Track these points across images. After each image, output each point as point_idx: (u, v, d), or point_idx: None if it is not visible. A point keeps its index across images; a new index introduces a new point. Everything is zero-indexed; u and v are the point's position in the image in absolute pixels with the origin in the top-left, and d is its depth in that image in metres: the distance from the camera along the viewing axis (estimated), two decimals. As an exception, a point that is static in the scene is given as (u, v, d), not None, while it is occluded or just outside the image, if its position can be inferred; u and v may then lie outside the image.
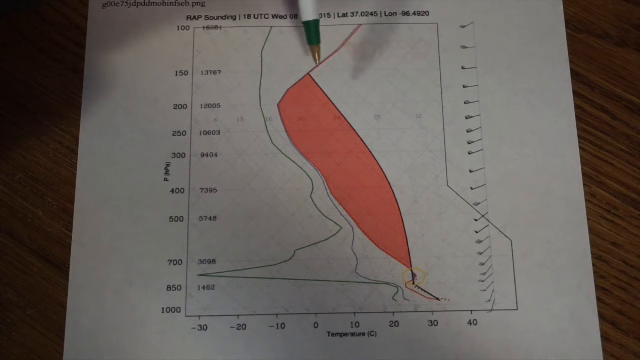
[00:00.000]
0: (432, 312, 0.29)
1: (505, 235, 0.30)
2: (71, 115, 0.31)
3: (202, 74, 0.32)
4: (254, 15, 0.33)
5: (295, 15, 0.32)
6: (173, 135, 0.31)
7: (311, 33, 0.30)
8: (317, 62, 0.31)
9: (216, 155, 0.31)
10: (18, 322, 0.29)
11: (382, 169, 0.31)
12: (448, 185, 0.30)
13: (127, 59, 0.32)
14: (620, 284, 0.30)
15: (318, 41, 0.30)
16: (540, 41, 0.32)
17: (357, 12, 0.33)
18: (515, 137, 0.31)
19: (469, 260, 0.30)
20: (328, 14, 0.33)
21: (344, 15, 0.33)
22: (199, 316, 0.29)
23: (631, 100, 0.32)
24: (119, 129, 0.31)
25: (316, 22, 0.30)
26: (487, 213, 0.30)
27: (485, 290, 0.29)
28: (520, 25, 0.32)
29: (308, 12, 0.30)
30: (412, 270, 0.30)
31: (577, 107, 0.31)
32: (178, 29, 0.32)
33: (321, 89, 0.32)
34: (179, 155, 0.31)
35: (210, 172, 0.31)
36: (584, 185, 0.30)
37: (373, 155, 0.31)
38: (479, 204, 0.30)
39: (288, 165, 0.31)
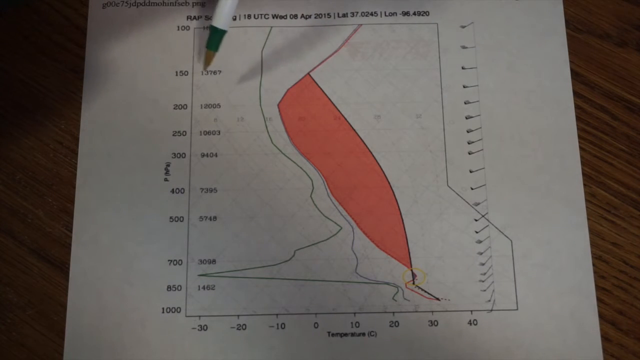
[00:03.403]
0: (432, 312, 0.29)
1: (505, 235, 0.30)
2: (71, 115, 0.31)
3: (202, 74, 0.32)
4: (254, 15, 0.33)
5: (295, 15, 0.32)
6: (173, 135, 0.31)
7: (215, 40, 0.29)
8: (206, 68, 0.31)
9: (216, 155, 0.31)
10: (18, 322, 0.29)
11: (382, 169, 0.31)
12: (448, 185, 0.30)
13: (127, 59, 0.32)
14: (620, 284, 0.30)
15: (216, 49, 0.30)
16: (540, 41, 0.32)
17: (357, 12, 0.33)
18: (515, 137, 0.31)
19: (469, 260, 0.30)
20: (328, 14, 0.33)
21: (344, 15, 0.33)
22: (199, 316, 0.29)
23: (631, 100, 0.32)
24: (119, 129, 0.31)
25: (223, 33, 0.29)
26: (487, 213, 0.30)
27: (485, 290, 0.29)
28: (520, 25, 0.32)
29: (221, 21, 0.29)
30: (412, 270, 0.30)
31: (577, 107, 0.31)
32: (178, 29, 0.32)
33: (321, 89, 0.32)
34: (179, 155, 0.31)
35: (210, 172, 0.31)
36: (584, 185, 0.30)
37: (373, 155, 0.31)
38: (479, 204, 0.30)
39: (288, 165, 0.31)
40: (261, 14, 0.33)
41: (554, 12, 0.33)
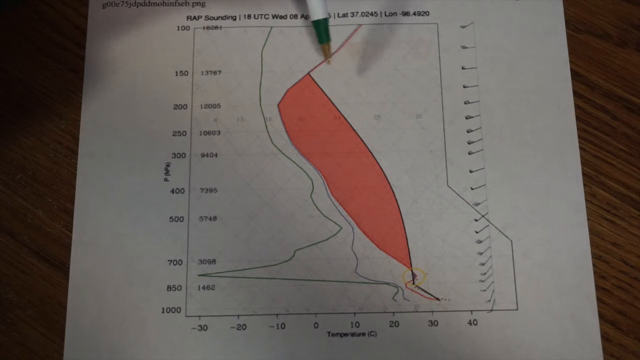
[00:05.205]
0: (432, 312, 0.29)
1: (505, 235, 0.30)
2: (71, 115, 0.31)
3: (202, 74, 0.32)
4: (254, 15, 0.33)
5: (295, 15, 0.32)
6: (173, 135, 0.31)
7: (321, 32, 0.31)
8: (329, 60, 0.31)
9: (216, 155, 0.31)
10: (18, 322, 0.29)
11: (382, 169, 0.31)
12: (448, 185, 0.30)
13: (127, 59, 0.32)
14: (620, 284, 0.30)
15: (328, 39, 0.31)
16: (540, 41, 0.32)
17: (357, 12, 0.33)
18: (515, 137, 0.31)
19: (469, 260, 0.30)
20: (328, 14, 0.33)
21: (344, 15, 0.33)
22: (199, 316, 0.29)
23: (631, 100, 0.32)
24: (119, 129, 0.31)
25: (325, 21, 0.30)
26: (487, 213, 0.30)
27: (485, 290, 0.29)
28: (520, 25, 0.32)
29: (317, 12, 0.30)
30: (412, 270, 0.30)
31: (577, 107, 0.31)
32: (178, 29, 0.32)
33: (321, 89, 0.32)
34: (179, 155, 0.31)
35: (210, 172, 0.31)
36: (584, 185, 0.30)
37: (373, 155, 0.31)
38: (479, 204, 0.30)
39: (288, 165, 0.31)
40: (261, 14, 0.33)
41: (554, 12, 0.33)
